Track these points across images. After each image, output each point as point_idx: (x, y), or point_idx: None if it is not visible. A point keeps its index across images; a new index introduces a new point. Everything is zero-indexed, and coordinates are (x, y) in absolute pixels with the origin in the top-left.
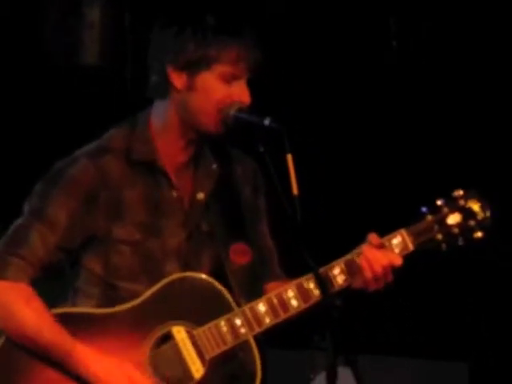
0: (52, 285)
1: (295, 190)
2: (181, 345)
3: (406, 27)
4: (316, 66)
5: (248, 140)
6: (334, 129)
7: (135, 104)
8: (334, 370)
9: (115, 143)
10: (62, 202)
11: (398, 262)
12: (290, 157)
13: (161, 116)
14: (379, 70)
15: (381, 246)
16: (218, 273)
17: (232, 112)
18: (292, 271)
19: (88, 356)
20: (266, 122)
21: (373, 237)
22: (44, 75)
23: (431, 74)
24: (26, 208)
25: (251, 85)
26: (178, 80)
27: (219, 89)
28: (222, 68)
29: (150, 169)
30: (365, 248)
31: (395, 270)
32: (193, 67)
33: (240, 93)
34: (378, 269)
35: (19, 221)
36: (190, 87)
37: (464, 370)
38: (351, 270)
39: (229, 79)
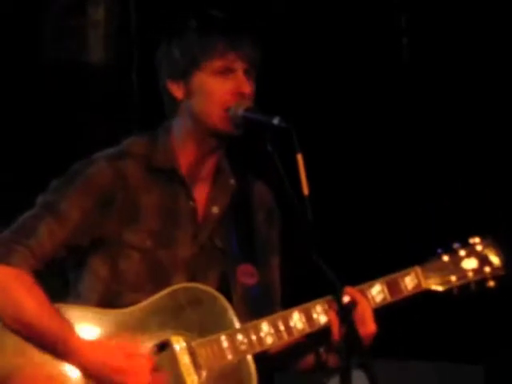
0: (54, 283)
1: (306, 191)
2: (178, 355)
3: (417, 25)
4: (325, 65)
5: (256, 139)
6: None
7: (141, 103)
8: (347, 373)
9: (135, 149)
10: (76, 200)
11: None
12: (300, 156)
13: (178, 130)
14: (389, 69)
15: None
16: (226, 290)
17: (240, 111)
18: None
19: (84, 346)
20: (275, 121)
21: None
22: (48, 74)
23: (443, 73)
24: (39, 200)
25: (259, 85)
26: (177, 91)
27: (216, 85)
28: (212, 64)
29: (169, 177)
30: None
31: None
32: (185, 72)
33: (238, 84)
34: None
35: (30, 212)
36: (189, 93)
37: (480, 373)
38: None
39: (223, 72)
